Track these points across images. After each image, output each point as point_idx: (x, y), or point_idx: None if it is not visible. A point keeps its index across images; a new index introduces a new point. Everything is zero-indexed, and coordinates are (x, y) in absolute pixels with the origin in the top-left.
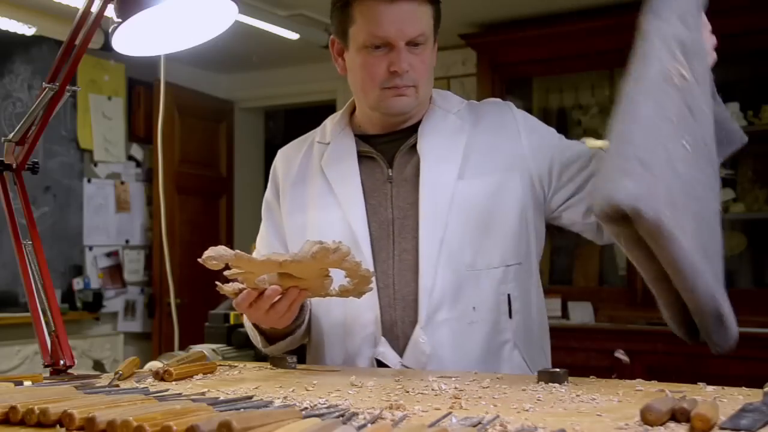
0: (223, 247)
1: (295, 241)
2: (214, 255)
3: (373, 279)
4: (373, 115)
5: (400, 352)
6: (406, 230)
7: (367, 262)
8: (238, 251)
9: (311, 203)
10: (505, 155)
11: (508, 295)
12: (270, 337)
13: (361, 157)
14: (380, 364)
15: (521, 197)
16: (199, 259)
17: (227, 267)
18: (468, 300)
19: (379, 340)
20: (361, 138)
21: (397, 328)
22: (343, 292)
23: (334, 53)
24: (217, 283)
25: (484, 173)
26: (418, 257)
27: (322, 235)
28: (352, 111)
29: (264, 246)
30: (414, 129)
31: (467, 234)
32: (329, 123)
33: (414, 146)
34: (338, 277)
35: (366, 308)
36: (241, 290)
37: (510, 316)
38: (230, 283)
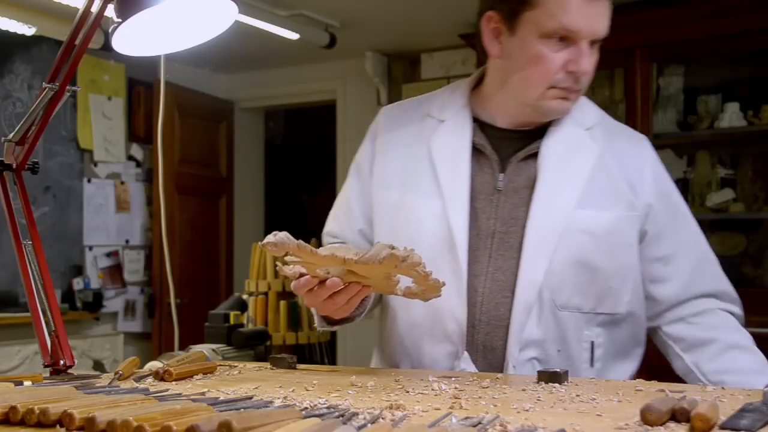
0: (287, 234)
1: (384, 219)
2: (275, 242)
3: (442, 290)
4: (515, 108)
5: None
6: (505, 247)
7: (461, 272)
8: (301, 242)
9: (411, 184)
10: (628, 193)
11: (592, 342)
12: (328, 319)
13: (474, 148)
14: None
15: (632, 242)
16: (259, 243)
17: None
18: (554, 341)
19: (461, 354)
20: (479, 124)
21: (476, 348)
22: (408, 294)
23: (488, 32)
24: (277, 263)
25: (605, 207)
26: (515, 282)
27: (417, 225)
28: (473, 86)
29: (343, 216)
30: (539, 134)
31: (570, 270)
32: (444, 96)
33: (534, 155)
34: (405, 278)
35: (450, 318)
36: (302, 275)
37: (591, 364)
38: (292, 267)
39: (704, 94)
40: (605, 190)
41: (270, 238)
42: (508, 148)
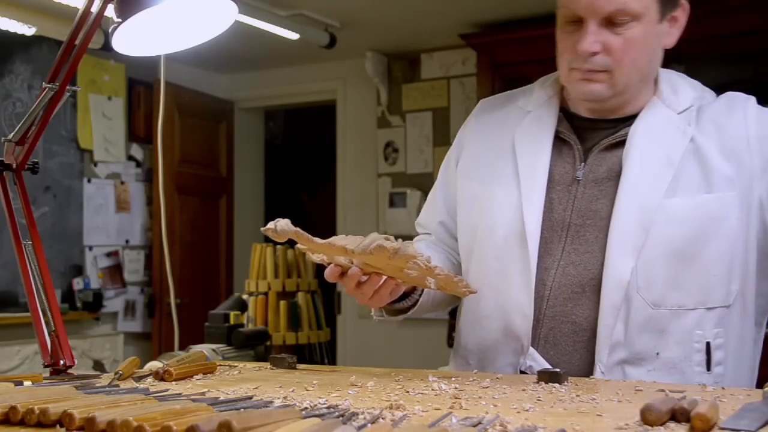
0: (287, 221)
1: (464, 210)
2: (275, 228)
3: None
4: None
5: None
6: (580, 241)
7: (531, 266)
8: (298, 229)
9: (491, 175)
10: (724, 170)
11: (707, 343)
12: (385, 309)
13: (558, 138)
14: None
15: (738, 225)
16: (261, 229)
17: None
18: (650, 343)
19: (527, 350)
20: (566, 114)
21: (537, 343)
22: (441, 288)
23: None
24: (305, 251)
25: (697, 192)
26: (596, 279)
27: (492, 216)
28: None
29: (430, 207)
30: (628, 120)
31: (663, 266)
32: (537, 87)
33: (621, 143)
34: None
35: (517, 312)
36: (329, 263)
37: (708, 368)
38: (319, 255)
39: None
40: (698, 174)
41: (271, 224)
42: (595, 137)
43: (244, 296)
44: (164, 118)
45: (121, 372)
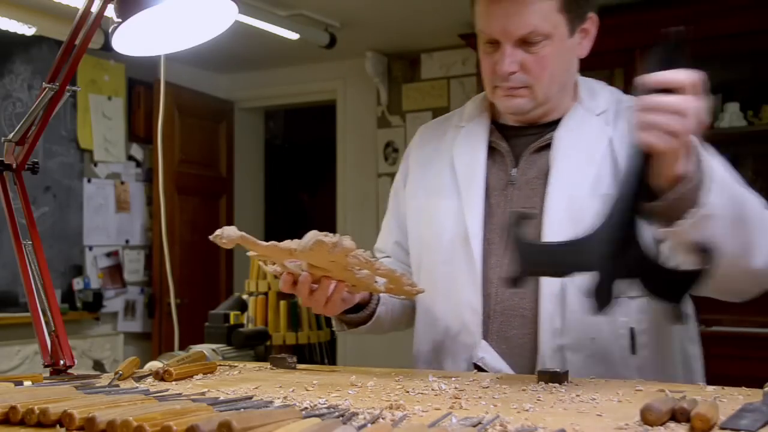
0: (234, 228)
1: (412, 225)
2: (222, 234)
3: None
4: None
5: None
6: None
7: (476, 265)
8: (244, 234)
9: (435, 189)
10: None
11: (631, 329)
12: (345, 321)
13: (491, 147)
14: (479, 369)
15: None
16: (210, 237)
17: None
18: (585, 329)
19: (478, 345)
20: (497, 126)
21: (491, 338)
22: (389, 290)
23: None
24: (260, 262)
25: (612, 185)
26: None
27: (437, 224)
28: None
29: (385, 231)
30: (552, 125)
31: None
32: (469, 105)
33: (547, 145)
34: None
35: (467, 308)
36: (281, 273)
37: (633, 351)
38: (274, 266)
39: None
40: (616, 173)
41: (218, 231)
42: (524, 143)
43: (244, 296)
44: (164, 118)
45: (121, 372)
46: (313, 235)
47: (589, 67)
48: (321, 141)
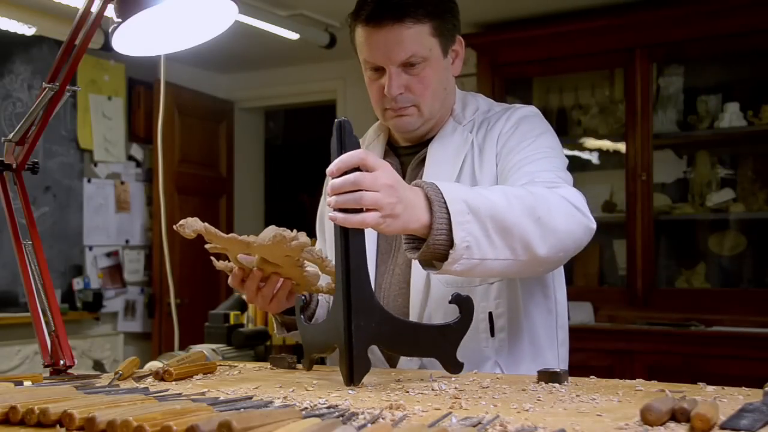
0: (197, 219)
1: (328, 235)
2: (185, 225)
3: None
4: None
5: (394, 366)
6: (402, 245)
7: (372, 275)
8: (207, 224)
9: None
10: (484, 169)
11: (489, 313)
12: (285, 324)
13: None
14: None
15: None
16: (174, 226)
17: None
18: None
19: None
20: (391, 147)
21: None
22: (331, 291)
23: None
24: (212, 258)
25: (473, 185)
26: (410, 273)
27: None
28: None
29: (319, 239)
30: (428, 142)
31: None
32: (371, 131)
33: (424, 160)
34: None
35: None
36: (232, 269)
37: (492, 334)
38: (224, 262)
39: (704, 94)
40: (476, 171)
41: (182, 221)
42: (410, 160)
43: (244, 296)
44: (164, 118)
45: (121, 372)
46: (272, 230)
47: (590, 67)
48: (321, 141)
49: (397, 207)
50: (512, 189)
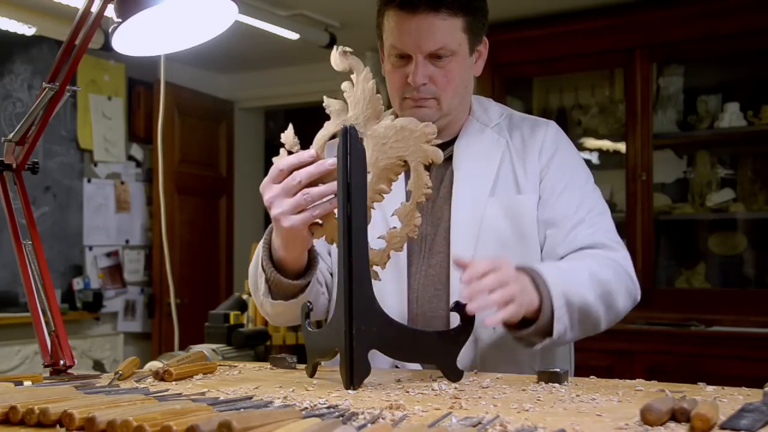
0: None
1: (332, 246)
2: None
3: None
4: None
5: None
6: (436, 246)
7: (402, 275)
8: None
9: None
10: (528, 175)
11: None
12: (275, 290)
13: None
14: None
15: (535, 221)
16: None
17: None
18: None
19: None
20: None
21: None
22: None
23: (381, 56)
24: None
25: (511, 192)
26: (448, 275)
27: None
28: None
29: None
30: (451, 140)
31: (496, 252)
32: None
33: (449, 159)
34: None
35: (393, 313)
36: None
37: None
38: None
39: (704, 94)
40: (513, 177)
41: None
42: None
43: (244, 296)
44: (164, 118)
45: (121, 372)
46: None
47: (590, 67)
48: None
49: (522, 296)
50: (596, 268)
